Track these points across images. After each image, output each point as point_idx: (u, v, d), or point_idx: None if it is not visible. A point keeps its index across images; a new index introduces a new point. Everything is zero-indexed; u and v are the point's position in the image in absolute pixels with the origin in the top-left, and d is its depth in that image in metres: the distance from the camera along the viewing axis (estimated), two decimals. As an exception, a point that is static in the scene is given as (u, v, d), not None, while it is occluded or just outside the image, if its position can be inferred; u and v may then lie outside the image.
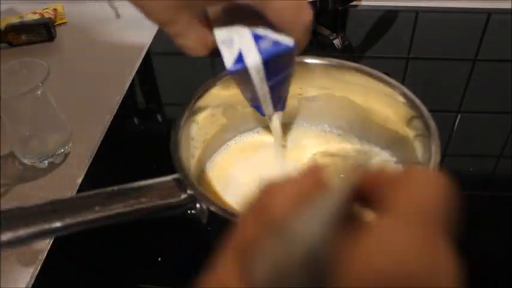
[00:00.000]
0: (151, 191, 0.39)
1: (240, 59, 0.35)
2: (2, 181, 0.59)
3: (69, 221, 0.37)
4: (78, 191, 0.57)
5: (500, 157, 0.62)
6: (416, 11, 0.89)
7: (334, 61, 0.52)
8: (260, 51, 0.35)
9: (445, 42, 0.82)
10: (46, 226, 0.36)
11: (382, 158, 0.52)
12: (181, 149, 0.43)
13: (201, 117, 0.49)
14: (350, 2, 0.82)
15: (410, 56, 0.80)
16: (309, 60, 0.52)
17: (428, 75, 0.76)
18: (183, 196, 0.39)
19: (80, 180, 0.59)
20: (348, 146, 0.54)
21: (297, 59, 0.44)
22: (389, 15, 0.90)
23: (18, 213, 0.37)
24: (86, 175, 0.59)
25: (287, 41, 0.35)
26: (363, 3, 0.92)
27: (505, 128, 0.65)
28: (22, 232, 0.35)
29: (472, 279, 0.50)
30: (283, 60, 0.37)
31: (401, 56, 0.80)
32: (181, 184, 0.39)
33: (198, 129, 0.49)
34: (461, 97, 0.71)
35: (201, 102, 0.49)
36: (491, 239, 0.52)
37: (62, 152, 0.62)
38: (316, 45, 0.84)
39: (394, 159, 0.52)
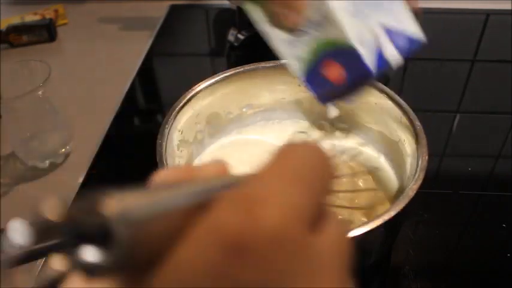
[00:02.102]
0: None
1: (381, 61, 0.32)
2: (2, 181, 0.60)
3: None
4: (79, 191, 0.57)
5: (498, 157, 0.62)
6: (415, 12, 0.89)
7: None
8: (399, 50, 0.33)
9: (444, 42, 0.82)
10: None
11: (371, 157, 0.53)
12: (168, 157, 0.43)
13: (184, 124, 0.49)
14: (349, 3, 0.83)
15: (410, 56, 0.80)
16: None
17: (427, 75, 0.76)
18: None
19: (80, 180, 0.59)
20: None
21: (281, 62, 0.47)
22: (389, 16, 0.90)
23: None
24: (86, 175, 0.60)
25: (418, 34, 0.33)
26: (363, 4, 0.92)
27: (503, 128, 0.65)
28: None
29: (472, 278, 0.51)
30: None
31: (400, 57, 0.80)
32: None
33: (181, 136, 0.49)
34: (460, 97, 0.71)
35: (184, 110, 0.49)
36: (490, 238, 0.52)
37: (62, 152, 0.62)
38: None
39: (383, 158, 0.52)
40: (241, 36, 0.84)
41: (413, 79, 0.76)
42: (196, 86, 0.49)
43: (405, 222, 0.52)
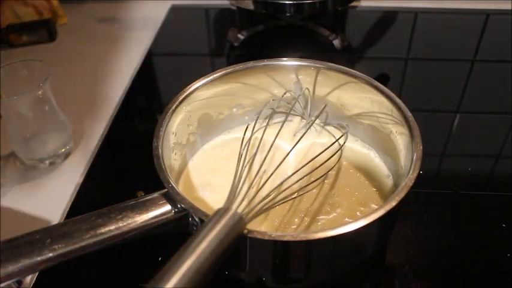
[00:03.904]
0: (142, 210, 0.38)
1: None
2: (2, 181, 0.60)
3: (60, 251, 0.35)
4: (79, 191, 0.57)
5: (498, 157, 0.62)
6: (416, 12, 0.90)
7: (307, 61, 0.52)
8: None
9: (444, 42, 0.83)
10: (37, 259, 0.34)
11: (362, 153, 0.53)
12: (165, 160, 0.43)
13: (177, 126, 0.49)
14: (350, 3, 0.83)
15: (410, 56, 0.80)
16: (281, 62, 0.53)
17: (427, 75, 0.76)
18: (175, 212, 0.38)
19: (80, 180, 0.59)
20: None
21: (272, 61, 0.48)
22: (389, 16, 0.90)
23: (5, 247, 0.34)
24: (86, 175, 0.60)
25: None
26: (363, 4, 0.92)
27: (503, 128, 0.65)
28: (12, 268, 0.33)
29: (472, 278, 0.51)
30: None
31: (400, 57, 0.80)
32: (171, 199, 0.39)
33: (175, 138, 0.49)
34: (460, 97, 0.71)
35: (177, 112, 0.48)
36: (490, 238, 0.52)
37: (62, 152, 0.62)
38: (316, 45, 0.85)
39: (374, 152, 0.53)
40: (241, 36, 0.84)
41: (413, 79, 0.76)
42: (188, 87, 0.49)
43: (405, 222, 0.52)
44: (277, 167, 0.43)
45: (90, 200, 0.56)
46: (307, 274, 0.42)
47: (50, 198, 0.57)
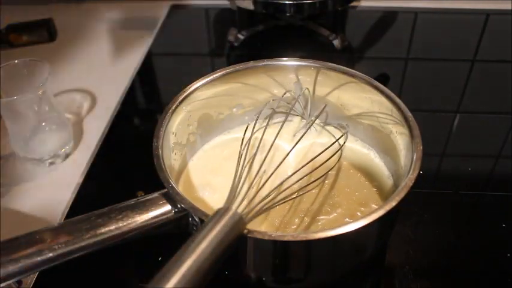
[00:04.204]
0: (142, 210, 0.38)
1: None
2: (2, 181, 0.60)
3: (60, 251, 0.35)
4: (79, 191, 0.57)
5: (498, 157, 0.62)
6: (416, 12, 0.90)
7: (307, 61, 0.52)
8: None
9: (444, 42, 0.83)
10: (37, 259, 0.34)
11: (362, 153, 0.53)
12: (165, 160, 0.43)
13: (177, 126, 0.49)
14: (350, 3, 0.83)
15: (410, 56, 0.80)
16: (281, 62, 0.53)
17: (427, 75, 0.76)
18: (175, 212, 0.38)
19: (80, 180, 0.59)
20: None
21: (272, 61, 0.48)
22: (389, 16, 0.90)
23: (5, 247, 0.34)
24: (86, 175, 0.60)
25: None
26: (363, 4, 0.92)
27: (503, 128, 0.65)
28: (12, 268, 0.33)
29: (472, 278, 0.51)
30: None
31: (400, 57, 0.80)
32: (171, 199, 0.39)
33: (175, 138, 0.49)
34: (460, 97, 0.71)
35: (177, 112, 0.48)
36: (490, 238, 0.52)
37: (62, 152, 0.62)
38: (316, 45, 0.85)
39: (374, 152, 0.53)
40: (241, 36, 0.84)
41: (413, 79, 0.76)
42: (188, 87, 0.49)
43: (405, 222, 0.52)
44: (277, 167, 0.43)
45: (90, 200, 0.56)
46: (307, 274, 0.42)
47: (50, 198, 0.57)
